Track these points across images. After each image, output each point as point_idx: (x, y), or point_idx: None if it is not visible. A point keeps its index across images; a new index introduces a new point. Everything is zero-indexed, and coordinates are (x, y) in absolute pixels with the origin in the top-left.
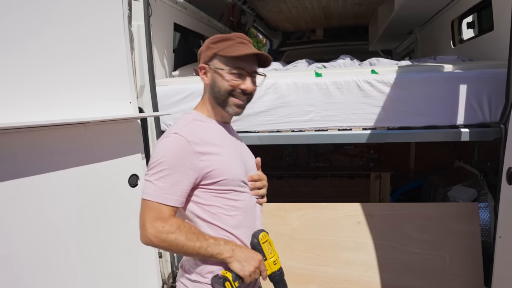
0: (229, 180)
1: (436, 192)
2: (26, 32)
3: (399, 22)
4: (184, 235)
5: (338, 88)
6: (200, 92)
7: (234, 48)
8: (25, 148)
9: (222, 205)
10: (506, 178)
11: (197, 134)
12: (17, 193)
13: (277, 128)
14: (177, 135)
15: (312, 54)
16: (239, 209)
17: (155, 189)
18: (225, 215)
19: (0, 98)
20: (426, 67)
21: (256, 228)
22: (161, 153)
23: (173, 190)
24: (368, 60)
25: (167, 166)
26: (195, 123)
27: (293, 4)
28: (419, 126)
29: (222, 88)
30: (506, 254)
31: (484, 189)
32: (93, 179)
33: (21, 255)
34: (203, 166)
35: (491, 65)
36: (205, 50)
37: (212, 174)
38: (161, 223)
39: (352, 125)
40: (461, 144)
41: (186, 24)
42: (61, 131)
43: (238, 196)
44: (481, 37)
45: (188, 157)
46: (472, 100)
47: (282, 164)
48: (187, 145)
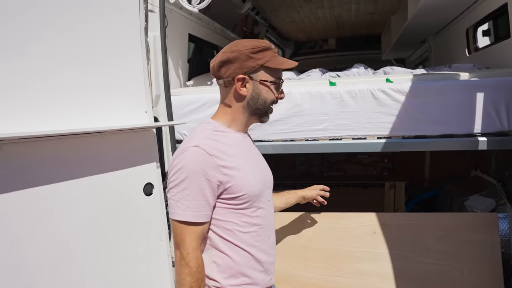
0: (248, 195)
1: (452, 202)
2: (59, 42)
3: (412, 31)
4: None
5: (352, 97)
6: (214, 102)
7: (279, 60)
8: (40, 157)
9: (237, 221)
10: None
11: (218, 146)
12: (32, 202)
13: (291, 137)
14: (199, 148)
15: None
16: (255, 225)
17: (183, 207)
18: (240, 231)
19: (19, 104)
20: (442, 75)
21: (269, 245)
22: (183, 169)
23: (200, 205)
24: (383, 68)
25: (191, 183)
26: (215, 134)
27: (305, 14)
28: (434, 135)
29: (268, 100)
30: None
31: (503, 199)
32: (108, 187)
33: (38, 262)
34: (225, 181)
35: (508, 73)
36: (244, 59)
37: (232, 188)
38: (193, 251)
39: (366, 134)
40: (477, 153)
41: (200, 35)
42: (78, 139)
43: (255, 213)
44: (497, 44)
45: (211, 171)
46: (489, 108)
47: (295, 173)
48: (209, 159)
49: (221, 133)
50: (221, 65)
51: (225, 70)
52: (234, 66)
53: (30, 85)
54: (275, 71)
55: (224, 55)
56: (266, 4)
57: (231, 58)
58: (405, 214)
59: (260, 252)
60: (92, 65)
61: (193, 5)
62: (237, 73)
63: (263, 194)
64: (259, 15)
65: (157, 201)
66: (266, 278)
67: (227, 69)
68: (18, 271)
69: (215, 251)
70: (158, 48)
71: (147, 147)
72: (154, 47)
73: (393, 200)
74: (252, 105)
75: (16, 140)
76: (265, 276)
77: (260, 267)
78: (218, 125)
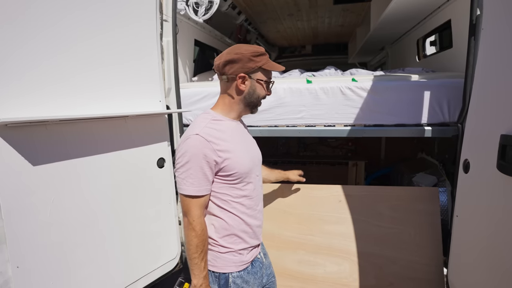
0: (239, 173)
1: (402, 178)
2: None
3: (373, 41)
4: (200, 241)
5: (324, 92)
6: (214, 94)
7: (273, 63)
8: (74, 136)
9: (231, 193)
10: (462, 167)
11: (214, 133)
12: (65, 172)
13: (275, 123)
14: (199, 136)
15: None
16: (245, 197)
17: (188, 184)
18: (233, 201)
19: (62, 92)
20: (396, 76)
21: (258, 211)
22: (187, 153)
23: (201, 182)
24: (349, 70)
25: (193, 164)
26: (213, 123)
27: (288, 25)
28: (390, 124)
29: (260, 95)
30: (461, 230)
31: (443, 176)
32: (130, 160)
33: (72, 220)
34: (220, 161)
35: (450, 75)
36: (246, 61)
37: (226, 168)
38: (198, 218)
39: (335, 122)
40: (424, 139)
41: (204, 40)
42: (106, 122)
43: (245, 186)
44: (441, 53)
45: (209, 154)
46: (434, 103)
47: (277, 153)
48: (207, 144)
49: (218, 122)
50: (226, 64)
51: (229, 68)
52: (237, 65)
53: (71, 77)
54: (268, 72)
55: (229, 56)
56: (257, 16)
57: (236, 59)
58: (366, 187)
59: (249, 217)
60: (118, 63)
61: (199, 16)
62: (240, 72)
63: (252, 171)
64: (251, 25)
65: (167, 172)
66: (254, 237)
67: (231, 68)
68: (57, 226)
69: (213, 216)
70: (171, 50)
71: (161, 129)
72: (167, 50)
73: (355, 176)
74: (247, 98)
75: (57, 122)
76: (254, 236)
77: (249, 229)
78: (216, 115)
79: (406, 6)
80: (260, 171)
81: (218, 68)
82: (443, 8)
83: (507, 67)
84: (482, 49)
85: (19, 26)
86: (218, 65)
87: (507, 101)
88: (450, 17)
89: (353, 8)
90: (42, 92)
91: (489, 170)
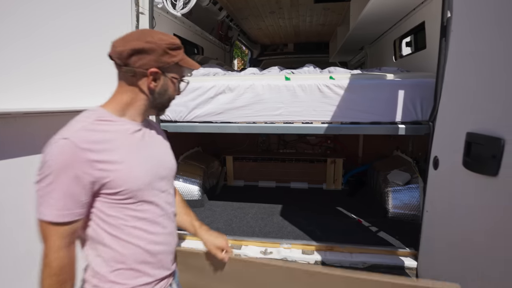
0: (130, 190)
1: (378, 175)
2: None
3: (353, 40)
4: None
5: (303, 89)
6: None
7: (190, 60)
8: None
9: (122, 216)
10: (432, 164)
11: (94, 138)
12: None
13: (253, 120)
14: (68, 141)
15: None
16: (142, 219)
17: (46, 205)
18: (125, 226)
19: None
20: (373, 75)
21: (164, 236)
22: (49, 162)
23: (67, 204)
24: (328, 68)
25: (56, 179)
26: (96, 125)
27: (270, 23)
28: (366, 122)
29: (172, 96)
30: (430, 224)
31: (416, 173)
32: None
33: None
34: (100, 176)
35: (423, 75)
36: (161, 54)
37: (110, 184)
38: (56, 251)
39: (313, 119)
40: (399, 137)
41: (183, 35)
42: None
43: (141, 206)
44: (416, 53)
45: (80, 167)
46: (408, 102)
47: (257, 150)
48: (78, 153)
49: (106, 123)
50: (133, 53)
51: (136, 59)
52: (149, 57)
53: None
54: (182, 70)
55: (138, 43)
56: (238, 13)
57: (147, 49)
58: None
59: (151, 244)
60: (93, 59)
61: (177, 10)
62: (152, 66)
63: (152, 186)
64: (232, 22)
65: None
66: (160, 267)
67: (140, 59)
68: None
69: (101, 246)
70: None
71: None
72: None
73: (333, 172)
74: (157, 99)
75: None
76: (159, 265)
77: (152, 258)
78: (105, 114)
79: (383, 7)
80: (169, 186)
81: (121, 56)
82: (418, 10)
83: (472, 67)
84: (451, 50)
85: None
86: (121, 53)
87: (472, 100)
88: (424, 19)
89: (333, 7)
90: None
91: (456, 167)
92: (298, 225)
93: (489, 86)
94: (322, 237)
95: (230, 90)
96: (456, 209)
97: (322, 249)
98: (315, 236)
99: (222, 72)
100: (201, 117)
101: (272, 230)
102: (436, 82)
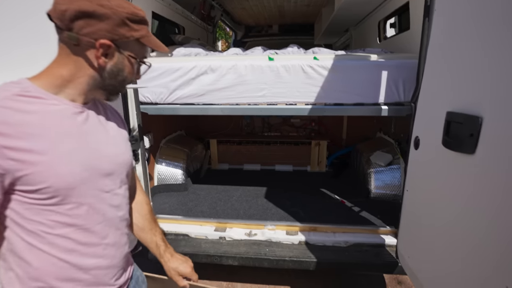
0: (55, 188)
1: (361, 157)
2: None
3: (338, 22)
4: None
5: (286, 70)
6: (173, 71)
7: (156, 40)
8: None
9: (44, 221)
10: (413, 144)
11: (9, 118)
12: None
13: (236, 101)
14: None
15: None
16: (73, 226)
17: None
18: (48, 233)
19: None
20: (357, 56)
21: (103, 246)
22: None
23: None
24: (312, 49)
25: None
26: (16, 100)
27: (254, 2)
28: (349, 103)
29: (128, 79)
30: (410, 202)
31: (398, 154)
32: None
33: None
34: (12, 168)
35: (406, 56)
36: (118, 24)
37: (27, 179)
38: None
39: (297, 101)
40: (382, 119)
41: (163, 13)
42: None
43: (74, 210)
44: (400, 35)
45: None
46: (391, 83)
47: (242, 133)
48: None
49: (31, 100)
50: (80, 15)
51: (83, 25)
52: (100, 25)
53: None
54: (144, 50)
55: (88, 5)
56: None
57: (99, 14)
58: None
59: (83, 257)
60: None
61: None
62: (103, 36)
63: (90, 186)
64: (215, 1)
65: None
66: (96, 285)
67: (88, 25)
68: None
69: (15, 257)
70: None
71: (113, 106)
72: None
73: (318, 155)
74: (107, 79)
75: None
76: (93, 283)
77: (83, 274)
78: (33, 88)
79: None
80: (117, 185)
81: (63, 17)
82: None
83: (454, 46)
84: (434, 30)
85: None
86: (63, 13)
87: (454, 79)
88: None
89: None
90: None
91: (436, 146)
92: (283, 207)
93: (470, 65)
94: (306, 218)
95: (212, 70)
96: (435, 187)
97: (306, 230)
98: (299, 217)
99: (204, 52)
100: (183, 98)
101: (256, 212)
102: (419, 62)
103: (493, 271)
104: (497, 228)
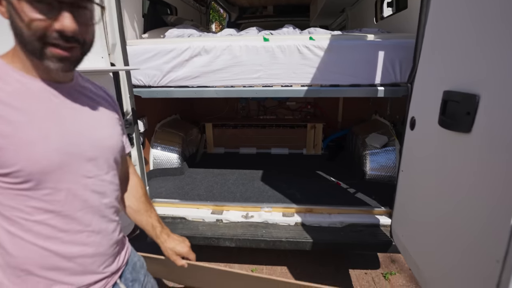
0: (27, 172)
1: (357, 139)
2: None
3: (334, 1)
4: None
5: (282, 51)
6: (165, 52)
7: None
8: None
9: (21, 206)
10: (409, 124)
11: None
12: None
13: (231, 83)
14: None
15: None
16: (52, 212)
17: None
18: (26, 220)
19: None
20: (353, 36)
21: (87, 234)
22: None
23: None
24: (307, 29)
25: None
26: None
27: None
28: (346, 84)
29: (24, 30)
30: (405, 183)
31: (393, 136)
32: None
33: None
34: None
35: (403, 36)
36: None
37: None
38: None
39: (292, 82)
40: (377, 101)
41: None
42: None
43: (51, 196)
44: (397, 14)
45: None
46: (387, 64)
47: (237, 116)
48: None
49: None
50: None
51: None
52: None
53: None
54: None
55: None
56: None
57: None
58: None
59: (65, 244)
60: None
61: None
62: None
63: (68, 170)
64: None
65: None
66: (83, 274)
67: None
68: None
69: None
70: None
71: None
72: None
73: (313, 138)
74: (15, 38)
75: None
76: (80, 272)
77: (69, 263)
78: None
79: None
80: (103, 171)
81: None
82: None
83: (452, 25)
84: (432, 9)
85: None
86: None
87: (451, 58)
88: None
89: None
90: None
91: (432, 126)
92: (279, 189)
93: (467, 44)
94: (302, 200)
95: (206, 52)
96: (430, 167)
97: (302, 211)
98: (295, 199)
99: (197, 33)
100: (177, 81)
101: (253, 194)
102: (416, 42)
103: (484, 244)
104: (490, 206)
